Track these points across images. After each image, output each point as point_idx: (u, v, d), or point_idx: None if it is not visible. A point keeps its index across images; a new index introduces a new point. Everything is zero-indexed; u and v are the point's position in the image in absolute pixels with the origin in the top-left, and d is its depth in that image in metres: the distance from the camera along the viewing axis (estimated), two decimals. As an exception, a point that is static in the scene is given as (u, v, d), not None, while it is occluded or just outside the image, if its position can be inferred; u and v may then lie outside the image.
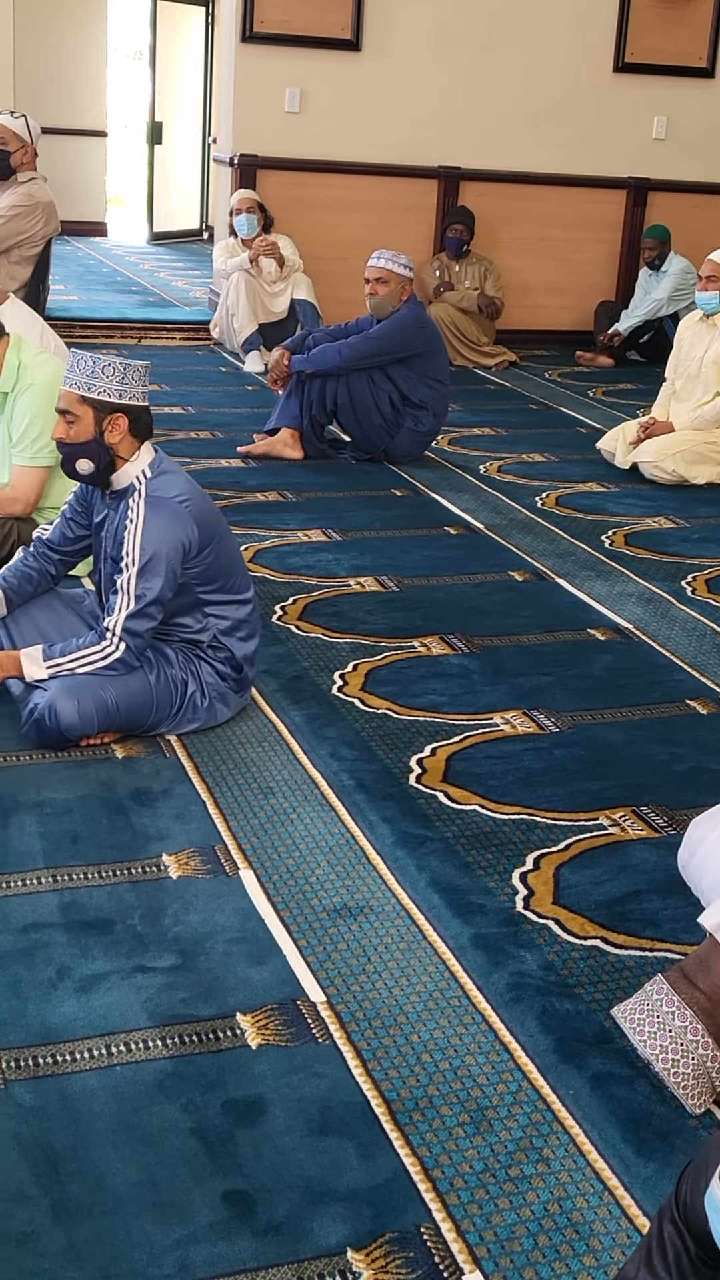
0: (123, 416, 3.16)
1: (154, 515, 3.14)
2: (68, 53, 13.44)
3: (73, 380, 3.15)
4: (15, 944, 2.46)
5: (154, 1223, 1.88)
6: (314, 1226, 1.89)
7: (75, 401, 3.16)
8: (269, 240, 7.95)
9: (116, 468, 3.21)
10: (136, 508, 3.15)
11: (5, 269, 6.26)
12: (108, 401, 3.14)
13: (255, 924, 2.58)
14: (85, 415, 3.15)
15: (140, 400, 3.19)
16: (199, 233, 14.50)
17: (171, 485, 3.20)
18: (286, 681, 3.65)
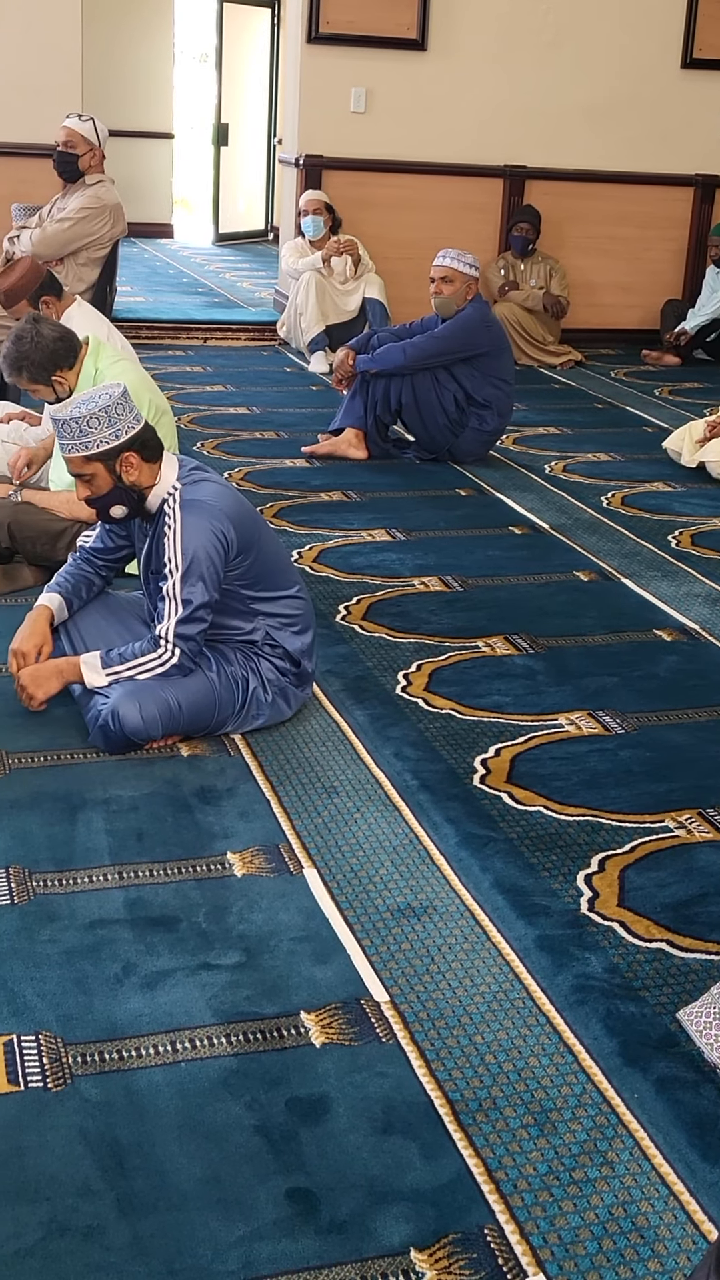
0: (130, 453, 3.15)
1: (190, 517, 3.15)
2: (135, 55, 13.55)
3: (69, 447, 3.14)
4: (82, 940, 2.48)
5: (218, 1219, 1.89)
6: (377, 1226, 1.89)
7: (82, 464, 3.15)
8: (349, 239, 7.97)
9: (146, 497, 3.22)
10: (173, 513, 3.16)
11: (73, 271, 6.31)
12: (110, 449, 3.14)
13: (319, 923, 2.58)
14: (97, 470, 3.16)
15: (135, 426, 3.15)
16: (264, 233, 14.55)
17: (205, 490, 3.21)
18: (350, 681, 3.66)
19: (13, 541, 4.09)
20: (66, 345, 3.97)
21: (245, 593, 3.26)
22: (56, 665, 3.27)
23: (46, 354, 3.92)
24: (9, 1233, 1.84)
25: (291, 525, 4.98)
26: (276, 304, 9.30)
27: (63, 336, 3.97)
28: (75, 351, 3.99)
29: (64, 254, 6.28)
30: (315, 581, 4.37)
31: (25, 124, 7.74)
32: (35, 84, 7.74)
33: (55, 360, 3.94)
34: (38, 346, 3.91)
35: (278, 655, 3.32)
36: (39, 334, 3.92)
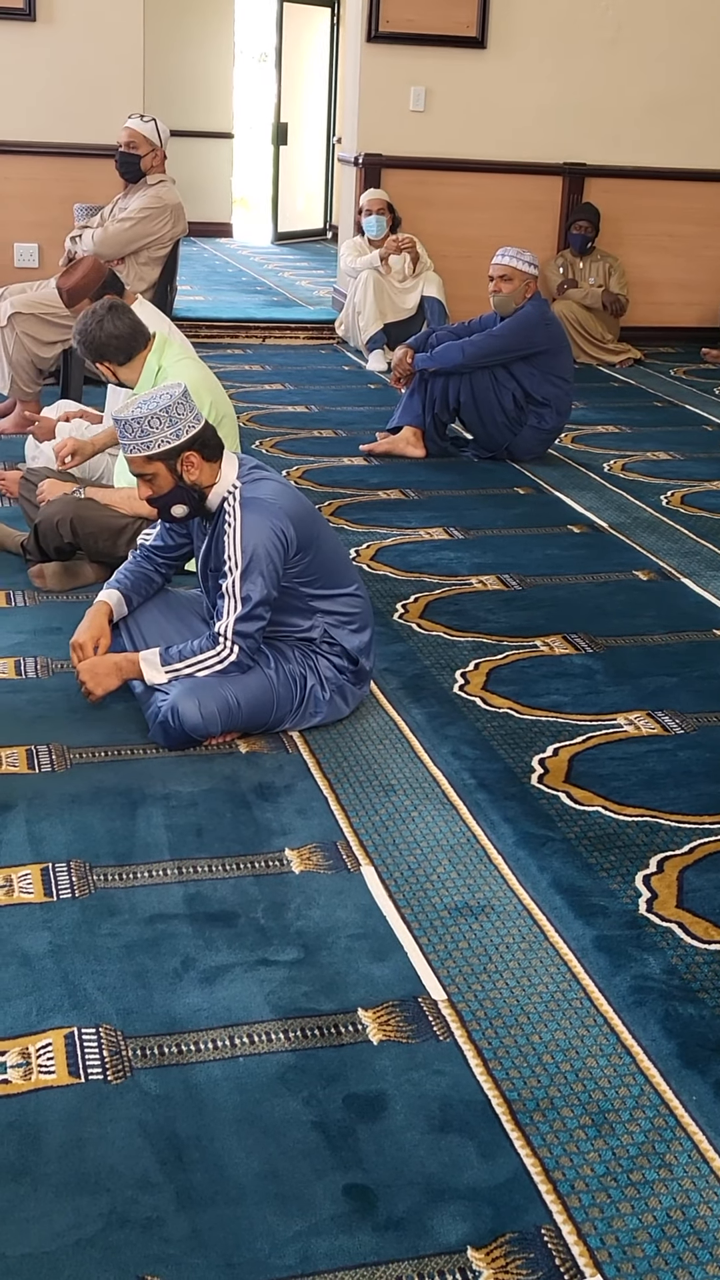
0: (191, 453, 3.17)
1: (250, 514, 3.16)
2: (195, 56, 13.61)
3: (130, 447, 3.16)
4: (142, 934, 2.50)
5: (276, 1214, 1.90)
6: (434, 1223, 1.90)
7: (143, 464, 3.17)
8: (408, 237, 7.98)
9: (206, 496, 3.23)
10: (233, 511, 3.17)
11: (134, 270, 6.35)
12: (170, 449, 3.15)
13: (376, 920, 2.59)
14: (159, 470, 3.17)
15: (196, 426, 3.17)
16: (323, 232, 14.57)
17: (265, 488, 3.22)
18: (408, 680, 3.66)
19: (75, 537, 4.12)
20: (123, 342, 3.99)
21: (304, 590, 3.27)
22: (115, 662, 3.29)
23: (99, 341, 3.96)
24: (70, 1223, 1.86)
25: (349, 523, 4.99)
26: (335, 302, 9.31)
27: (121, 335, 3.99)
28: (132, 351, 4.02)
29: (125, 253, 6.31)
30: (373, 580, 4.38)
31: (88, 125, 7.79)
32: (98, 85, 7.79)
33: (103, 353, 3.98)
34: (100, 329, 3.95)
35: (335, 653, 3.33)
36: (102, 323, 3.96)
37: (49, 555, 4.20)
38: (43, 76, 7.77)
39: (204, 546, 3.29)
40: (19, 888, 2.63)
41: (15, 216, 7.93)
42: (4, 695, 3.47)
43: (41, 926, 2.51)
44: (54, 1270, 1.79)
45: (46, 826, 2.86)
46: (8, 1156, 1.97)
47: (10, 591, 4.15)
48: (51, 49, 7.75)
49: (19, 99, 7.78)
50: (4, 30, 7.69)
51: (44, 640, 3.81)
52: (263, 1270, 1.81)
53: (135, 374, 4.03)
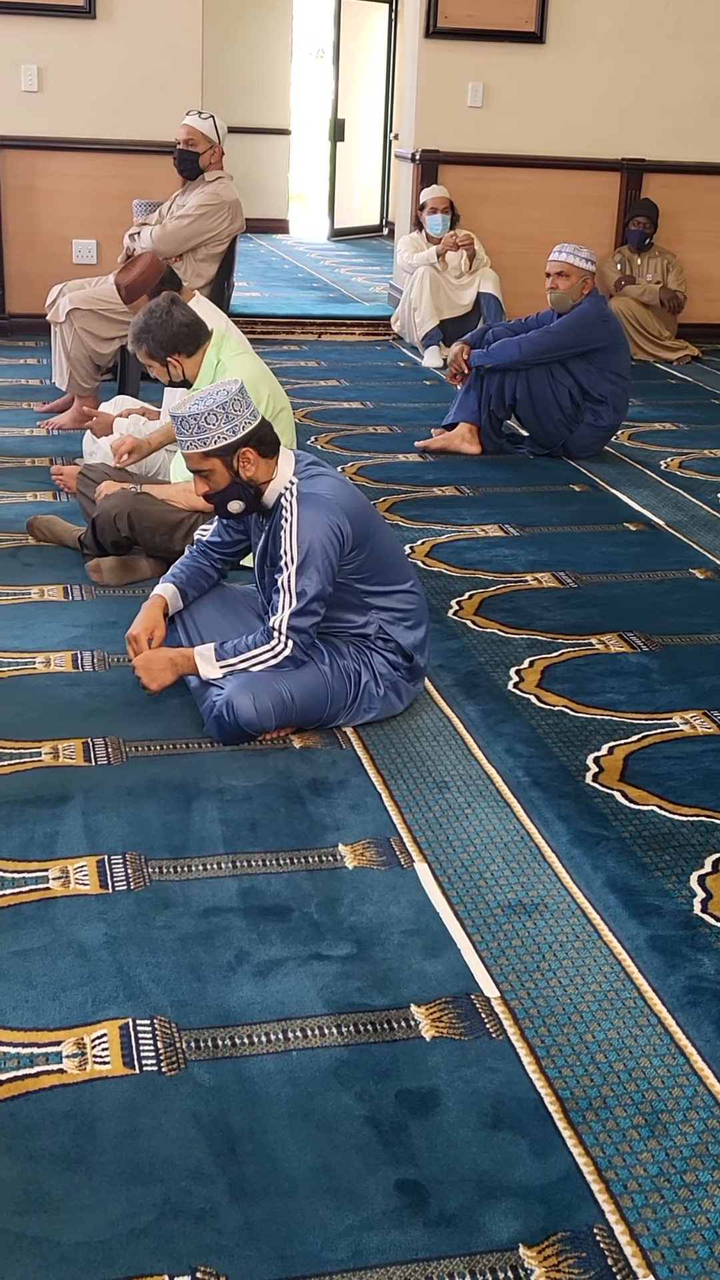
0: (248, 449, 3.17)
1: (306, 510, 3.16)
2: (254, 52, 13.64)
3: (187, 443, 3.17)
4: (196, 927, 2.52)
5: (328, 1207, 1.90)
6: (486, 1221, 1.90)
7: (200, 460, 3.18)
8: (466, 234, 7.96)
9: (263, 492, 3.24)
10: (290, 507, 3.18)
11: (191, 267, 6.38)
12: (227, 445, 3.16)
13: (430, 917, 2.59)
14: (215, 466, 3.18)
15: (252, 422, 3.17)
16: (379, 228, 14.57)
17: (322, 484, 3.23)
18: (462, 677, 3.66)
19: (131, 532, 4.15)
20: (190, 332, 4.01)
21: (359, 586, 3.28)
22: (170, 657, 3.31)
23: (169, 334, 3.98)
24: (124, 1212, 1.88)
25: (404, 520, 4.99)
26: (391, 299, 9.30)
27: (190, 324, 4.02)
28: (198, 341, 4.04)
29: (183, 250, 6.34)
30: (427, 576, 4.38)
31: (146, 122, 7.84)
32: (157, 82, 7.83)
33: (175, 343, 3.99)
34: (163, 325, 3.97)
35: (390, 649, 3.33)
36: (169, 314, 3.98)
37: (106, 549, 4.23)
38: (102, 74, 7.82)
39: (260, 542, 3.30)
40: (75, 879, 2.65)
41: (74, 213, 7.99)
42: (61, 688, 3.49)
43: (97, 918, 2.53)
44: (108, 1259, 1.80)
45: (102, 819, 2.88)
46: (63, 1145, 1.99)
47: (67, 585, 4.19)
48: (111, 47, 7.80)
49: (78, 96, 7.84)
50: (64, 28, 7.75)
51: (101, 634, 3.83)
52: (315, 1263, 1.82)
53: (197, 368, 4.05)
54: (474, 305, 8.04)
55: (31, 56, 7.77)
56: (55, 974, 2.37)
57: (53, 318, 6.11)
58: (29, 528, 4.57)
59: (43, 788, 2.99)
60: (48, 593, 4.13)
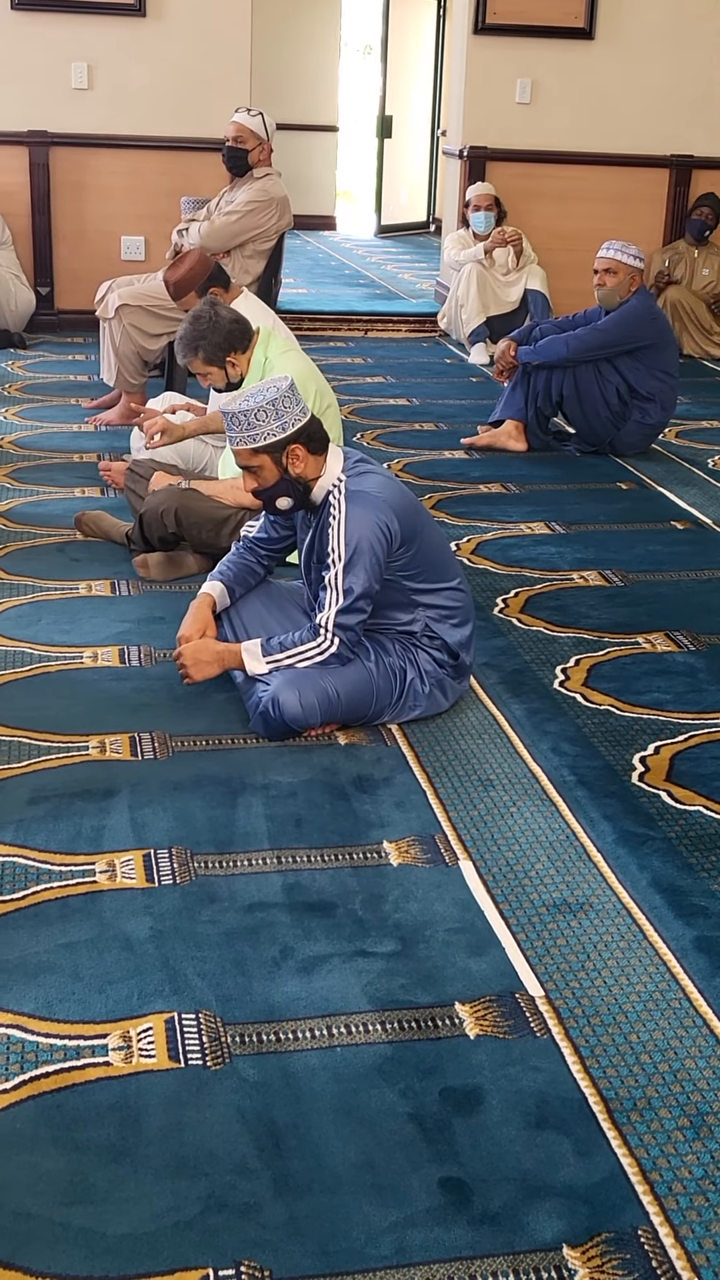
0: (297, 445, 3.18)
1: (354, 507, 3.16)
2: (302, 49, 13.66)
3: (237, 439, 3.18)
4: (241, 922, 2.53)
5: (372, 1204, 1.91)
6: (530, 1220, 1.89)
7: (249, 456, 3.19)
8: (514, 230, 7.94)
9: (311, 489, 3.25)
10: (338, 504, 3.18)
11: (239, 263, 6.39)
12: (276, 442, 3.16)
13: (474, 915, 2.59)
14: (264, 462, 3.19)
15: (302, 419, 3.17)
16: (426, 225, 14.55)
17: (370, 481, 3.22)
18: (507, 675, 3.65)
19: (178, 528, 4.16)
20: (242, 328, 4.03)
21: (407, 584, 3.28)
22: (217, 650, 3.32)
23: (223, 335, 3.99)
24: (169, 1205, 1.89)
25: (450, 517, 4.98)
26: (438, 295, 9.29)
27: (239, 320, 4.04)
28: (249, 336, 4.06)
29: (231, 246, 6.35)
30: (473, 574, 4.37)
31: (194, 118, 7.87)
32: (205, 79, 7.86)
33: (230, 342, 4.01)
34: (215, 327, 3.98)
35: (436, 647, 3.33)
36: (216, 315, 4.00)
37: (153, 545, 4.25)
38: (151, 71, 7.86)
39: (308, 539, 3.31)
40: (121, 873, 2.67)
41: (122, 210, 8.03)
42: (108, 683, 3.51)
43: (143, 912, 2.54)
44: (153, 1251, 1.81)
45: (148, 813, 2.89)
46: (109, 1137, 2.00)
47: (115, 581, 4.21)
48: (161, 44, 7.83)
49: (128, 93, 7.87)
50: (115, 26, 7.79)
51: (147, 629, 3.85)
52: (358, 1259, 1.82)
53: (247, 366, 4.06)
54: (521, 302, 8.01)
55: (82, 54, 7.81)
56: (102, 967, 2.38)
57: (101, 314, 6.14)
58: (77, 523, 4.60)
59: (90, 781, 3.01)
60: (95, 588, 4.15)
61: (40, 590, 4.11)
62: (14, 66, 7.76)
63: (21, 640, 3.74)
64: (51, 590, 4.11)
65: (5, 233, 7.73)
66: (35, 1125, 2.02)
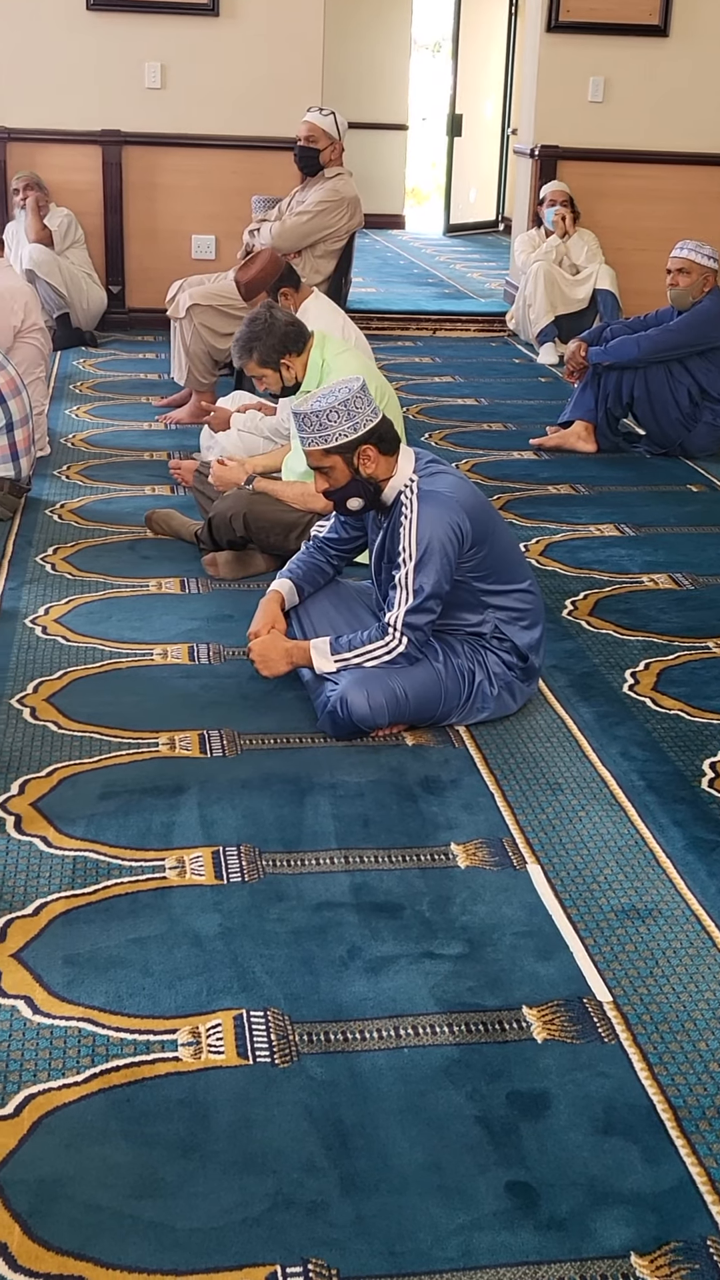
0: (368, 446, 3.18)
1: (426, 508, 3.16)
2: (373, 47, 13.65)
3: (308, 440, 3.19)
4: (309, 921, 2.54)
5: (438, 1205, 1.91)
6: (597, 1226, 1.89)
7: (321, 457, 3.20)
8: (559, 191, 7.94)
9: (383, 490, 3.25)
10: (410, 504, 3.18)
11: (310, 263, 6.41)
12: (348, 442, 3.16)
13: (542, 919, 2.58)
14: (335, 463, 3.19)
15: (373, 420, 3.18)
16: (495, 224, 14.50)
17: (442, 482, 3.22)
18: (576, 678, 3.63)
19: (247, 531, 4.18)
20: (297, 331, 4.05)
21: (477, 585, 3.27)
22: (286, 648, 3.34)
23: (278, 337, 4.01)
24: (237, 1200, 1.90)
25: (518, 518, 4.97)
26: (506, 295, 9.26)
27: (294, 323, 4.06)
28: (304, 339, 4.07)
29: (302, 246, 6.38)
30: (542, 576, 4.35)
31: (266, 118, 7.89)
32: (277, 78, 7.88)
33: (285, 344, 4.03)
34: (270, 330, 4.00)
35: (505, 649, 3.32)
36: (272, 318, 4.02)
37: (221, 545, 4.28)
38: (224, 71, 7.89)
39: (378, 539, 3.32)
40: (191, 869, 2.69)
41: (193, 209, 8.08)
42: (177, 680, 3.54)
43: (212, 908, 2.56)
44: (221, 1246, 1.83)
45: (217, 810, 2.91)
46: (178, 1132, 2.02)
47: (184, 579, 4.24)
48: (233, 44, 7.86)
49: (199, 93, 7.91)
50: (188, 26, 7.83)
51: (216, 627, 3.88)
52: (425, 1261, 1.82)
53: (304, 369, 4.08)
54: (590, 302, 7.97)
55: (155, 54, 7.86)
56: (171, 963, 2.40)
57: (173, 313, 6.18)
58: (147, 521, 4.63)
59: (159, 778, 3.04)
60: (165, 585, 4.18)
61: (111, 587, 4.15)
62: (89, 66, 7.82)
63: (93, 636, 3.77)
64: (122, 587, 4.15)
65: (78, 231, 7.80)
66: (106, 1118, 2.04)
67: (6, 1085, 2.10)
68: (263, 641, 3.36)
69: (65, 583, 4.17)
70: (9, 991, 2.31)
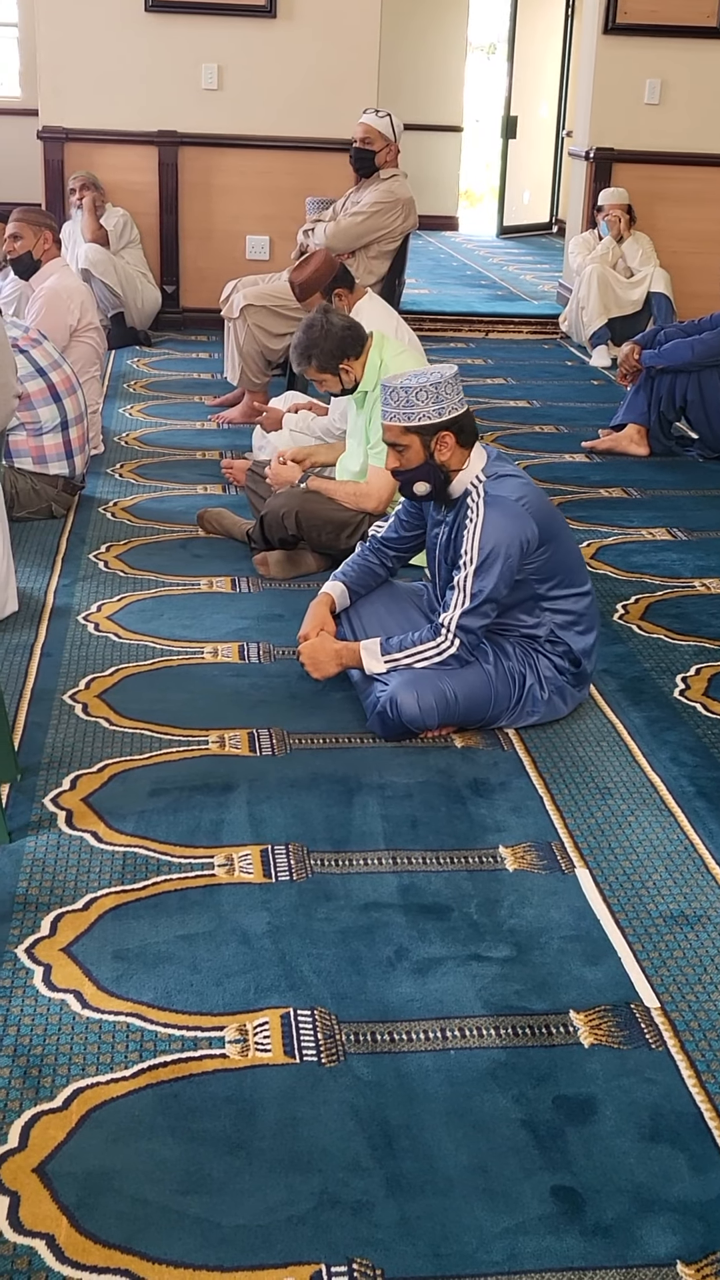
0: (448, 433, 3.18)
1: (494, 514, 3.16)
2: (428, 49, 13.63)
3: (391, 414, 3.18)
4: (356, 921, 2.54)
5: (483, 1209, 1.91)
6: (643, 1234, 1.88)
7: (400, 433, 3.20)
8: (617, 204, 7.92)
9: (451, 480, 3.25)
10: (476, 507, 3.17)
11: (363, 264, 6.41)
12: (430, 424, 3.17)
13: (590, 923, 2.57)
14: (412, 443, 3.19)
15: (459, 409, 3.18)
16: (548, 226, 14.46)
17: (510, 485, 3.21)
18: (626, 682, 3.62)
19: (299, 530, 4.19)
20: (354, 335, 4.05)
21: (537, 586, 3.26)
22: (336, 648, 3.35)
23: (335, 342, 4.01)
24: (282, 1199, 1.90)
25: (570, 521, 4.92)
26: (560, 297, 9.23)
27: (351, 326, 4.06)
28: (362, 342, 4.07)
29: (356, 247, 6.38)
30: (593, 579, 4.30)
31: (321, 119, 7.90)
32: (333, 80, 7.89)
33: (343, 349, 4.03)
34: (327, 335, 4.01)
35: (559, 653, 3.30)
36: (329, 323, 4.02)
37: (273, 544, 4.29)
38: (280, 72, 7.91)
39: (440, 537, 3.31)
40: (239, 867, 2.70)
41: (247, 209, 8.10)
42: (227, 678, 3.55)
43: (260, 906, 2.57)
44: (266, 1243, 1.83)
45: (266, 809, 2.92)
46: (224, 1129, 2.03)
47: (235, 578, 4.25)
48: (290, 45, 7.88)
49: (256, 94, 7.93)
50: (245, 27, 7.85)
51: (266, 626, 3.89)
52: (469, 1264, 1.82)
53: (363, 370, 4.08)
54: (644, 305, 7.93)
55: (212, 55, 7.89)
56: (219, 960, 2.41)
57: (227, 313, 6.21)
58: (199, 520, 4.65)
59: (209, 775, 3.05)
60: (216, 584, 4.20)
61: (163, 585, 4.17)
62: (146, 67, 7.86)
63: (144, 634, 3.79)
64: (174, 585, 4.17)
65: (133, 231, 7.84)
66: (153, 1113, 2.05)
67: (55, 1079, 2.12)
68: (312, 644, 3.37)
69: (117, 580, 4.19)
70: (59, 985, 2.33)
